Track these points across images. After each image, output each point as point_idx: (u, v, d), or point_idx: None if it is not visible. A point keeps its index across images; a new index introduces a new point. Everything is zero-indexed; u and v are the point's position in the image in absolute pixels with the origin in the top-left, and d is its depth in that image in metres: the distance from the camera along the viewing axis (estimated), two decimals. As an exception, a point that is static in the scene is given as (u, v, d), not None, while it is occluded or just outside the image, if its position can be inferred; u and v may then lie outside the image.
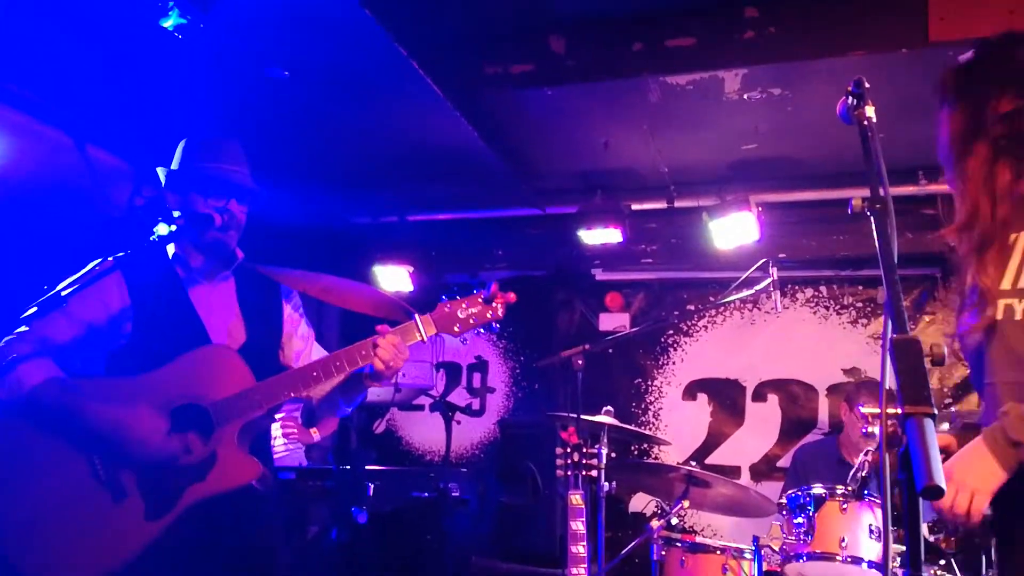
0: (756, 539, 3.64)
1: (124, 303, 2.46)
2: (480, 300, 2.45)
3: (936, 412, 1.09)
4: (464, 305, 2.45)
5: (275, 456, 3.31)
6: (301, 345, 2.68)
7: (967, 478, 1.73)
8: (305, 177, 5.16)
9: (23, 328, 2.39)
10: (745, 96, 4.05)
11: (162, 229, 2.51)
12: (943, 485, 1.03)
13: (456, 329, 2.45)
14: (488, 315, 2.45)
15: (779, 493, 4.42)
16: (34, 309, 2.34)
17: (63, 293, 2.31)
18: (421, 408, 6.53)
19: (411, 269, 5.80)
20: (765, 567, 3.64)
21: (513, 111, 4.40)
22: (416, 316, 2.44)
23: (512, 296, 2.47)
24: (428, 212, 5.81)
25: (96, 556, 2.23)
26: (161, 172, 2.60)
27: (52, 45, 3.54)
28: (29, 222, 4.74)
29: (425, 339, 2.42)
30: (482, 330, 2.52)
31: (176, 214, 2.54)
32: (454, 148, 4.63)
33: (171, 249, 2.57)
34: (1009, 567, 1.81)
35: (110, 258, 2.46)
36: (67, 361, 2.44)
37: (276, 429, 4.33)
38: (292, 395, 2.35)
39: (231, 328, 2.53)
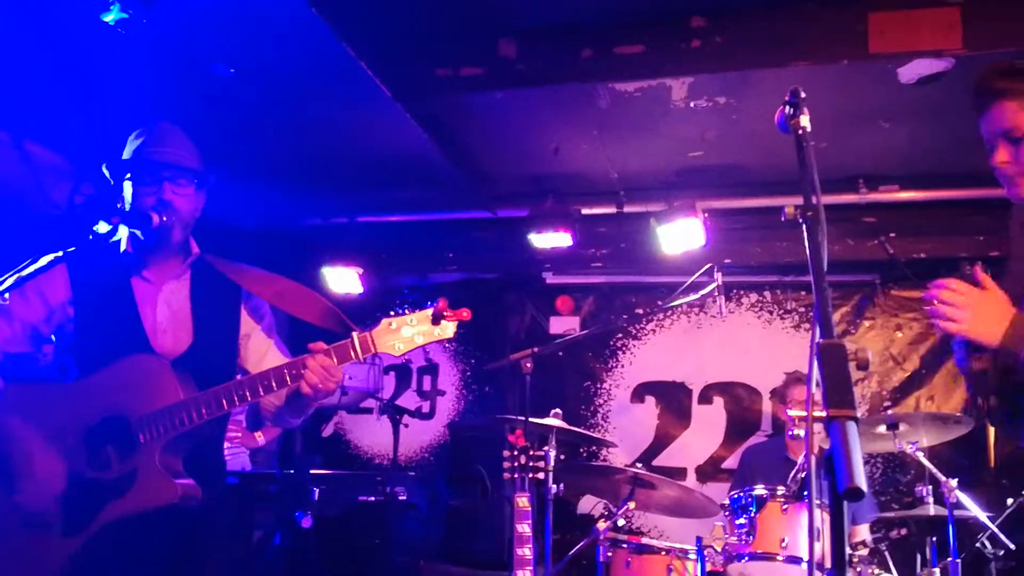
0: (699, 540, 3.69)
1: (67, 295, 2.40)
2: (428, 317, 2.25)
3: (858, 415, 1.12)
4: (410, 322, 2.25)
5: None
6: (257, 348, 2.59)
7: (979, 315, 1.84)
8: (253, 177, 5.09)
9: None
10: (692, 104, 4.11)
11: (102, 228, 2.44)
12: (864, 487, 1.07)
13: (398, 348, 2.25)
14: (436, 334, 2.26)
15: (725, 493, 4.49)
16: None
17: (1, 291, 2.24)
18: (370, 411, 6.49)
19: (360, 271, 5.75)
20: (708, 567, 3.69)
21: (464, 114, 4.40)
22: (354, 334, 2.26)
23: (466, 313, 2.26)
24: (378, 214, 5.78)
25: (16, 570, 2.17)
26: (105, 168, 2.53)
27: (-12, 37, 3.44)
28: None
29: (362, 359, 2.27)
30: (430, 348, 2.39)
31: (125, 206, 2.45)
32: (404, 150, 4.62)
33: (123, 244, 2.49)
34: None
35: (59, 252, 2.38)
36: (9, 361, 2.38)
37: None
38: (218, 413, 2.25)
39: (177, 331, 2.45)
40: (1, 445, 2.22)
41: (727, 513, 3.69)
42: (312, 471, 4.59)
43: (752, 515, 3.52)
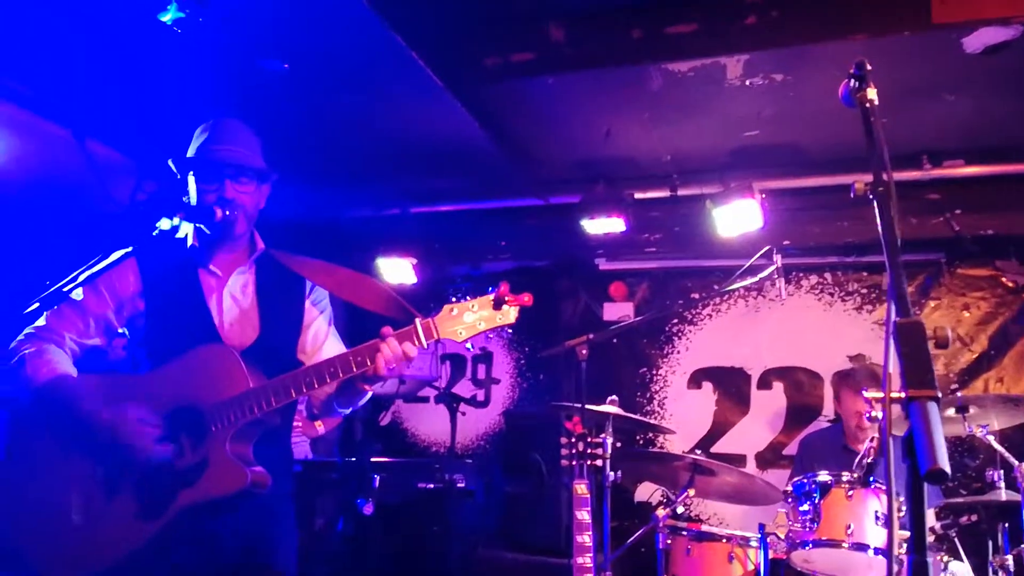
0: (762, 527, 3.64)
1: (137, 288, 2.46)
2: (490, 302, 2.23)
3: (940, 395, 1.07)
4: (472, 307, 2.23)
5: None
6: (315, 339, 2.62)
7: None
8: (307, 170, 5.15)
9: (40, 323, 2.41)
10: (747, 82, 4.02)
11: (164, 224, 2.49)
12: (947, 469, 1.03)
13: (461, 334, 2.24)
14: (498, 320, 2.23)
15: (786, 481, 4.42)
16: (38, 304, 2.33)
17: (74, 286, 2.31)
18: (426, 400, 6.54)
19: (414, 261, 5.79)
20: (771, 555, 3.64)
21: (514, 101, 4.38)
22: (417, 320, 2.27)
23: (528, 299, 2.23)
24: (431, 204, 5.79)
25: (93, 553, 2.24)
26: (171, 163, 2.57)
27: (52, 40, 3.53)
28: (31, 218, 4.74)
29: (424, 345, 2.26)
30: (490, 335, 2.37)
31: (191, 201, 2.50)
32: (456, 139, 4.62)
33: (190, 239, 2.55)
34: None
35: (128, 248, 2.43)
36: (84, 354, 2.47)
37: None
38: (286, 400, 2.28)
39: (244, 324, 2.50)
40: (91, 422, 2.28)
41: (790, 500, 3.62)
42: (372, 459, 4.64)
43: (816, 501, 3.45)
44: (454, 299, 2.31)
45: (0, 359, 2.38)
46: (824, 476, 3.52)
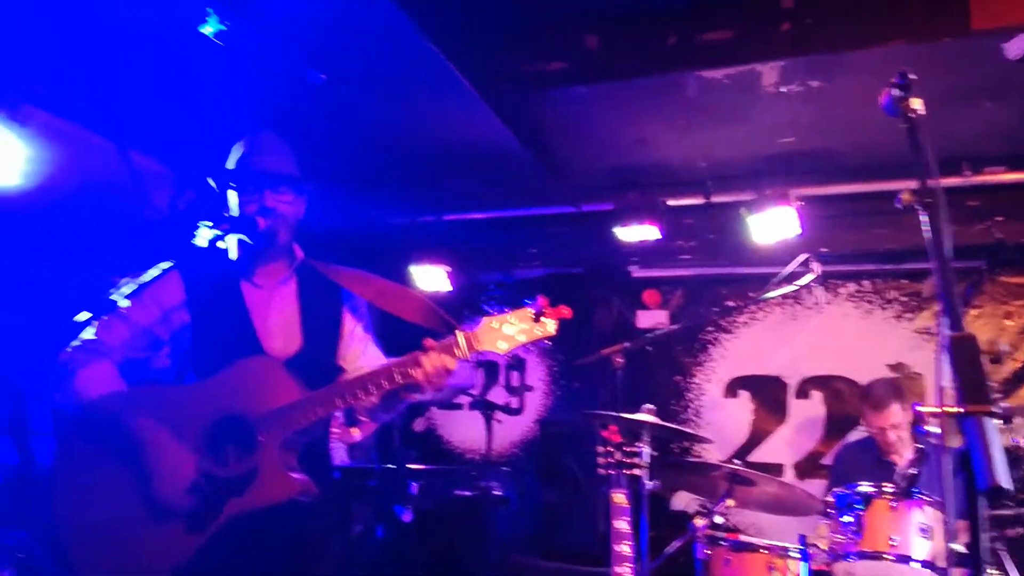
0: (803, 538, 3.59)
1: (181, 300, 2.49)
2: (530, 315, 2.28)
3: (997, 411, 1.06)
4: (512, 320, 2.28)
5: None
6: (355, 347, 2.64)
7: None
8: (343, 179, 5.20)
9: (87, 335, 2.45)
10: (783, 89, 3.99)
11: (204, 232, 2.53)
12: (1008, 486, 1.01)
13: (501, 347, 2.28)
14: (537, 332, 2.28)
15: (823, 491, 4.36)
16: (87, 314, 2.38)
17: (122, 297, 2.34)
18: (460, 407, 6.55)
19: (449, 269, 5.81)
20: (813, 566, 3.59)
21: (547, 109, 4.39)
22: (457, 332, 2.29)
23: (567, 311, 2.28)
24: (463, 211, 5.82)
25: (140, 566, 2.26)
26: (210, 179, 2.61)
27: (94, 52, 3.61)
28: (74, 228, 4.84)
29: (467, 357, 2.29)
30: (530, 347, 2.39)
31: (231, 213, 2.54)
32: (489, 147, 4.63)
33: (232, 252, 2.58)
34: None
35: (172, 260, 2.47)
36: (129, 365, 2.50)
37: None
38: (332, 411, 2.31)
39: (287, 334, 2.52)
40: (136, 443, 2.31)
41: (832, 510, 3.57)
42: (409, 466, 4.67)
43: (859, 513, 3.40)
44: (492, 311, 2.34)
45: (51, 370, 2.43)
46: (866, 487, 3.47)
